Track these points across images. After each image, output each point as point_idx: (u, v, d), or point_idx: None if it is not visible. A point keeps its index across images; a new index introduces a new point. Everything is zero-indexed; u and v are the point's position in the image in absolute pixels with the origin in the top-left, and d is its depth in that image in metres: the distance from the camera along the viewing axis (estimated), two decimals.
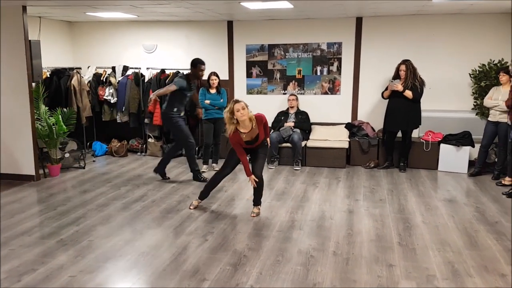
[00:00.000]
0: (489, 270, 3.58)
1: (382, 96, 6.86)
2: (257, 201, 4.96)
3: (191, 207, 5.11)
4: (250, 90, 8.05)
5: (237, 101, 4.58)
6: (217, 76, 6.81)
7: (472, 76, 7.05)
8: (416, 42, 7.22)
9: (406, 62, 6.58)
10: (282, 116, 7.57)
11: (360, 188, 5.95)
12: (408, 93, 6.51)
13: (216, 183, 5.13)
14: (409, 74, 6.51)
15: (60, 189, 5.93)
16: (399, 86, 6.51)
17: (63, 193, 5.74)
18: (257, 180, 4.74)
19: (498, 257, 3.82)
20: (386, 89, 6.74)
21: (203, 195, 5.16)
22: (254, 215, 4.85)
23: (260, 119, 4.76)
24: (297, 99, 7.63)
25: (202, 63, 6.12)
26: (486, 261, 3.75)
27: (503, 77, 6.13)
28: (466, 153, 6.70)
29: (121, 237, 4.27)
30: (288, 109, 7.62)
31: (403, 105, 6.58)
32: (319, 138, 7.34)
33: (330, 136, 7.32)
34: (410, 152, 6.93)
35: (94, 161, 7.60)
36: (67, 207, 5.17)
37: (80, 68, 7.81)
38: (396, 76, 6.65)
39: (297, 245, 4.09)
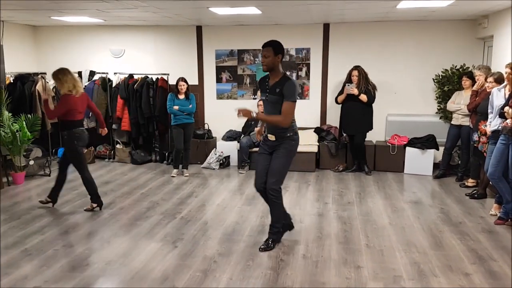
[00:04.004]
0: (454, 270, 3.68)
1: (336, 101, 7.00)
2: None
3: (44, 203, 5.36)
4: (220, 95, 8.05)
5: None
6: (186, 81, 6.77)
7: (435, 81, 7.27)
8: (381, 48, 7.39)
9: (357, 67, 6.79)
10: (252, 121, 7.59)
11: (329, 192, 6.03)
12: (363, 97, 6.68)
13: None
14: (361, 79, 6.71)
15: (24, 198, 5.76)
16: (355, 90, 6.65)
17: (27, 202, 5.57)
18: None
19: (462, 257, 3.93)
20: (340, 93, 6.87)
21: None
22: None
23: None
24: None
25: None
26: (451, 260, 3.86)
27: (466, 82, 6.33)
28: (431, 156, 6.89)
29: (88, 246, 4.18)
30: None
31: (359, 108, 6.75)
32: None
33: (299, 141, 7.35)
34: (377, 155, 7.07)
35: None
36: (31, 215, 5.03)
37: (45, 73, 7.61)
38: (349, 81, 6.81)
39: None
